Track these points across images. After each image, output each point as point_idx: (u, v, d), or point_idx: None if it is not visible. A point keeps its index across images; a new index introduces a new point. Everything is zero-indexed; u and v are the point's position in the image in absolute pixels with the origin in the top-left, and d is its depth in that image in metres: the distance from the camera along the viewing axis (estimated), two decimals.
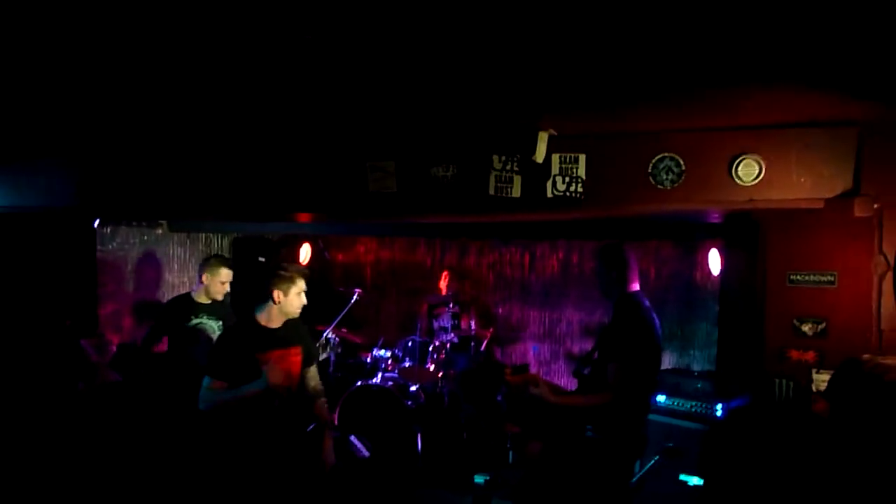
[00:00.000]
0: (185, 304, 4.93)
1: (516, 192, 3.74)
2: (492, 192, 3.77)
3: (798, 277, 3.64)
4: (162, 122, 3.83)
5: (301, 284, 3.68)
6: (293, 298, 3.62)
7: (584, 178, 3.66)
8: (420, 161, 3.90)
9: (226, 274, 4.94)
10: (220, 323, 4.96)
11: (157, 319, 5.00)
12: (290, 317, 3.68)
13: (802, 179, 3.45)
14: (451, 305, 6.83)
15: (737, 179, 3.48)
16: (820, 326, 3.59)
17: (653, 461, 4.53)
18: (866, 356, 2.67)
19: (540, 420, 4.34)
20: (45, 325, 5.31)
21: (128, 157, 4.37)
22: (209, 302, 4.94)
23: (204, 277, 4.91)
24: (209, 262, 5.02)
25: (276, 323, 3.64)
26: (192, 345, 4.83)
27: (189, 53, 2.62)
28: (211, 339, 4.88)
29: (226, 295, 5.02)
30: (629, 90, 2.95)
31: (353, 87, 3.02)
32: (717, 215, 4.44)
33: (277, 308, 3.60)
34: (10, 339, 5.15)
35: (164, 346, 4.99)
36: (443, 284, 7.14)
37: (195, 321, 4.87)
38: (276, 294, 3.56)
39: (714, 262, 5.96)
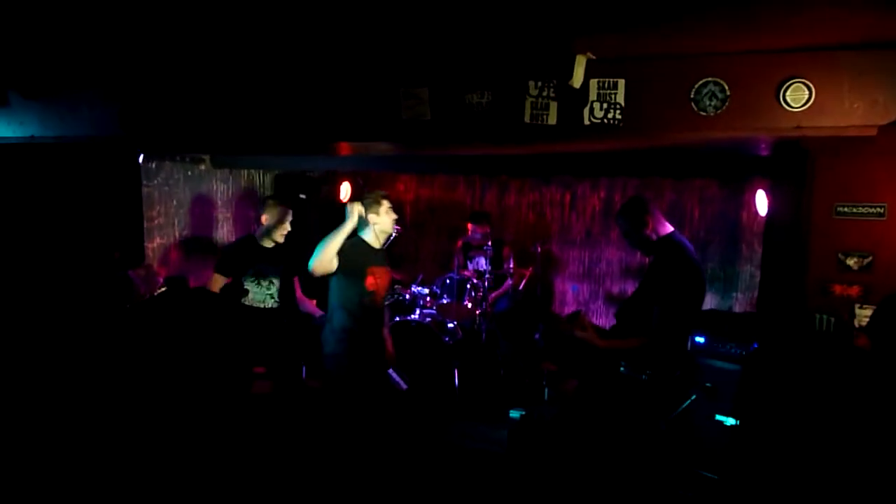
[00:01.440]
0: (249, 248, 4.92)
1: (552, 119, 3.65)
2: (527, 119, 3.68)
3: (846, 209, 3.50)
4: (200, 54, 3.84)
5: (386, 203, 4.24)
6: (384, 217, 4.21)
7: (622, 104, 3.55)
8: (454, 88, 3.82)
9: (288, 215, 4.91)
10: (282, 266, 4.96)
11: (220, 261, 4.94)
12: (388, 234, 4.27)
13: (855, 105, 3.28)
14: (486, 247, 6.81)
15: (784, 105, 3.33)
16: (866, 260, 3.47)
17: (690, 399, 4.52)
18: None
19: (576, 358, 4.35)
20: (94, 256, 5.46)
21: (167, 89, 4.40)
22: (272, 245, 4.95)
23: (264, 219, 4.87)
24: (269, 202, 4.95)
25: (377, 243, 4.26)
26: (252, 289, 4.87)
27: None
28: (273, 283, 4.91)
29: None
30: (670, 7, 2.81)
31: (386, 12, 2.96)
32: (763, 146, 4.27)
33: (378, 228, 4.20)
34: (59, 269, 5.32)
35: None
36: (471, 229, 7.08)
37: (258, 265, 4.88)
38: (371, 217, 4.16)
39: (761, 202, 5.77)
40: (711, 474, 3.97)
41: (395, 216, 4.29)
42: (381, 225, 4.21)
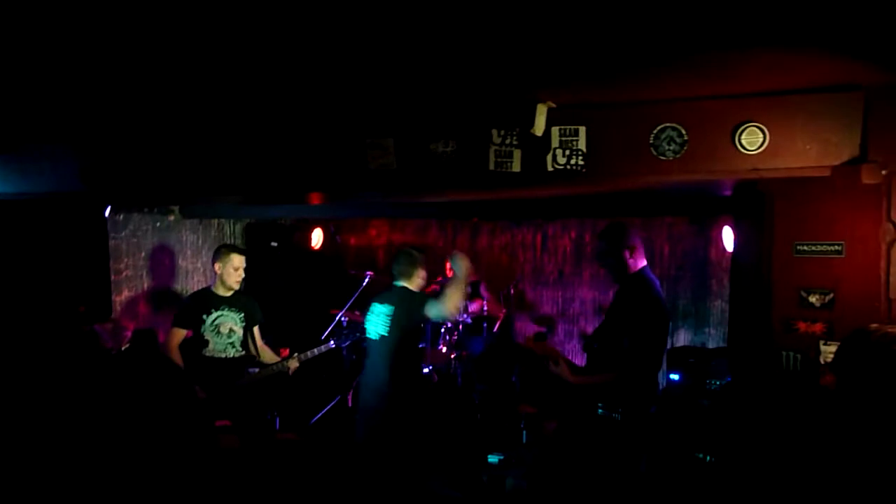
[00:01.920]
0: (205, 298, 4.94)
1: (516, 166, 3.70)
2: (492, 167, 3.74)
3: (805, 248, 3.56)
4: (163, 106, 3.85)
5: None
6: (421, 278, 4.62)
7: (584, 150, 3.61)
8: (419, 137, 3.87)
9: (238, 260, 4.91)
10: (242, 315, 4.95)
11: (178, 315, 4.93)
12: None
13: (808, 147, 3.37)
14: None
15: (741, 148, 3.41)
16: (827, 297, 3.52)
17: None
18: (874, 325, 2.61)
19: (554, 399, 4.32)
20: (58, 311, 5.37)
21: (130, 142, 4.38)
22: (229, 294, 4.94)
23: (216, 267, 4.88)
24: (219, 251, 5.00)
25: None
26: (212, 339, 4.85)
27: (190, 38, 2.63)
28: (233, 330, 4.89)
29: (241, 283, 5.03)
30: (627, 58, 2.89)
31: (350, 65, 3.01)
32: (727, 188, 4.36)
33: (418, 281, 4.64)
34: (23, 326, 5.22)
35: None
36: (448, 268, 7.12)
37: (216, 314, 4.88)
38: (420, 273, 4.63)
39: (728, 238, 5.88)
40: None
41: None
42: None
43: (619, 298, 3.87)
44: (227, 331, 4.87)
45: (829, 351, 3.52)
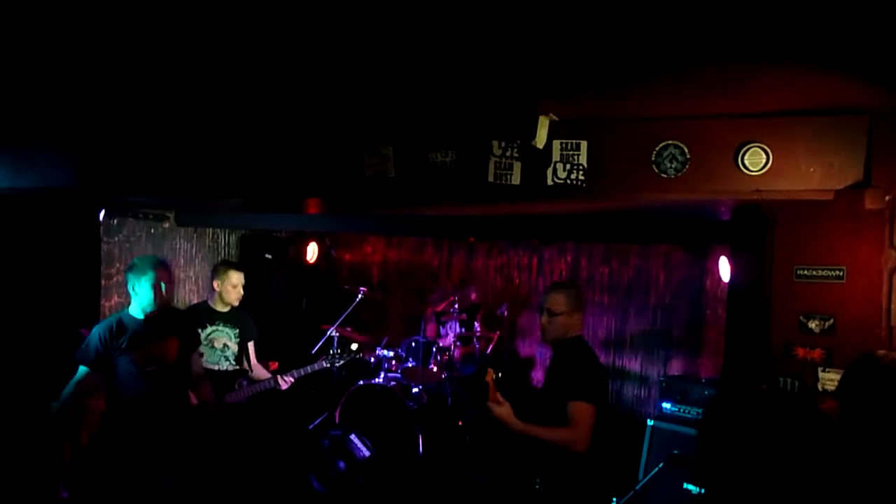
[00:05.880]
0: (201, 313, 4.90)
1: (516, 179, 3.66)
2: (491, 178, 3.69)
3: (805, 272, 3.51)
4: (163, 106, 3.82)
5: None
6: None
7: (585, 165, 3.57)
8: (418, 146, 3.83)
9: (236, 277, 4.93)
10: (237, 331, 4.92)
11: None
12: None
13: (811, 169, 3.33)
14: (456, 309, 6.76)
15: (743, 169, 3.37)
16: (827, 323, 3.47)
17: (657, 468, 4.42)
18: (881, 351, 2.56)
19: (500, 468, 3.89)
20: (46, 312, 5.28)
21: (128, 141, 4.34)
22: (226, 310, 4.92)
23: (215, 284, 4.94)
24: (218, 268, 5.05)
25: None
26: (206, 351, 4.80)
27: (187, 37, 2.61)
28: (227, 346, 4.85)
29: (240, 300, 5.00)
30: (632, 72, 2.88)
31: (350, 70, 2.98)
32: (724, 210, 4.33)
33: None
34: (9, 323, 5.13)
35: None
36: (450, 287, 7.09)
37: (210, 329, 4.84)
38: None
39: (724, 268, 5.84)
40: None
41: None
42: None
43: (559, 361, 3.56)
44: (220, 346, 4.86)
45: (827, 378, 3.46)
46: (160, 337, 4.04)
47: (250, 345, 5.12)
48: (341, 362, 5.56)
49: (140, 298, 3.97)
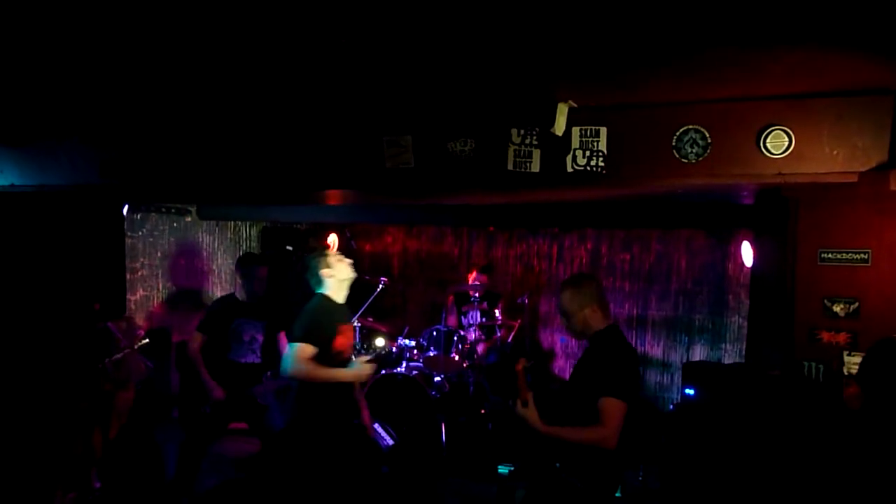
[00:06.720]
0: (228, 305, 4.95)
1: (535, 166, 3.65)
2: (510, 167, 3.68)
3: (830, 255, 3.49)
4: (181, 102, 3.85)
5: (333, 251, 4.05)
6: (339, 266, 3.87)
7: (605, 151, 3.55)
8: (437, 135, 3.83)
9: (260, 270, 4.95)
10: (265, 323, 4.95)
11: (201, 321, 4.94)
12: (347, 285, 3.92)
13: (835, 152, 3.29)
14: (477, 297, 6.77)
15: (765, 152, 3.34)
16: (852, 307, 3.44)
17: None
18: None
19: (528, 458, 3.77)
20: (73, 307, 5.37)
21: (149, 137, 4.39)
22: (252, 302, 4.95)
23: (239, 276, 4.94)
24: (242, 260, 5.06)
25: (340, 298, 3.92)
26: (233, 345, 4.84)
27: (209, 35, 2.63)
28: (255, 338, 4.88)
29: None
30: (651, 57, 2.84)
31: (369, 62, 2.98)
32: (746, 193, 4.28)
33: (335, 280, 3.86)
34: (37, 318, 5.22)
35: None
36: (471, 278, 7.09)
37: (238, 322, 4.87)
38: (326, 271, 3.84)
39: (746, 253, 5.78)
40: None
41: (349, 262, 3.97)
42: (339, 276, 3.89)
43: (592, 353, 3.35)
44: (248, 338, 4.88)
45: (852, 362, 3.43)
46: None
47: (281, 336, 5.13)
48: (367, 359, 5.58)
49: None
